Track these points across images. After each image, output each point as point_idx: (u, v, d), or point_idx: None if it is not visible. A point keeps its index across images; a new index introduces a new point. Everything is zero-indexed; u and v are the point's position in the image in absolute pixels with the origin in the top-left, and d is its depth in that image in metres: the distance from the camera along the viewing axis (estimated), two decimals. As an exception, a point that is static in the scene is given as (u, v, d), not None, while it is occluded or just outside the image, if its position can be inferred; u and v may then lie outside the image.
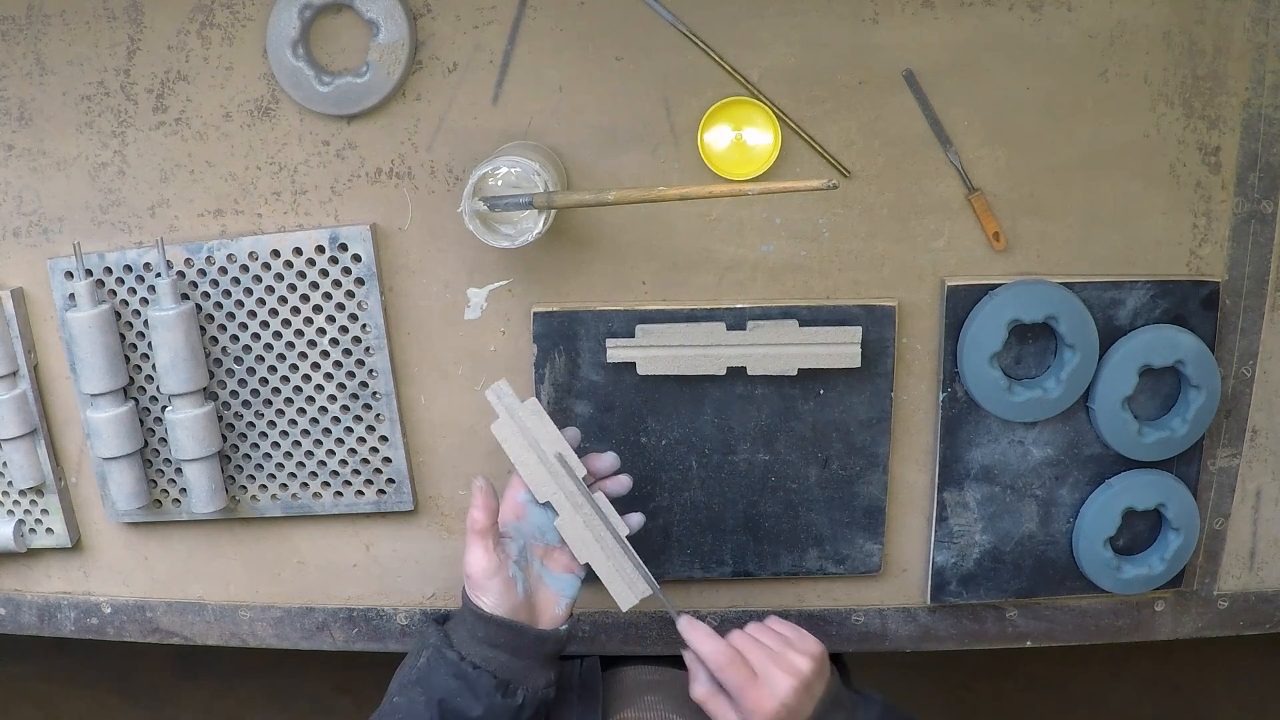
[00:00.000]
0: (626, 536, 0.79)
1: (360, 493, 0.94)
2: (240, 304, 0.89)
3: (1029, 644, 0.98)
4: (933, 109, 0.84)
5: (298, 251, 0.87)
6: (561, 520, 0.78)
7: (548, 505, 0.78)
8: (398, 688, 0.76)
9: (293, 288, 0.88)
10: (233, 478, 0.94)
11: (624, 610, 0.78)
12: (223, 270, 0.88)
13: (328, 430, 0.92)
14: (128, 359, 0.91)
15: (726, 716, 0.76)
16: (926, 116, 0.84)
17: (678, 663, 0.80)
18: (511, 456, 0.78)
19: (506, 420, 0.77)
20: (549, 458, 0.77)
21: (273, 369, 0.90)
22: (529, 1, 0.83)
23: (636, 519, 0.81)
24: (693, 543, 0.93)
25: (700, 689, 0.77)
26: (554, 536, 0.79)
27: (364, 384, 0.90)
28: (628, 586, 0.79)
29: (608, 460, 0.80)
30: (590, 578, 0.80)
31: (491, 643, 0.75)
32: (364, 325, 0.89)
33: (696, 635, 0.77)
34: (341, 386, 0.90)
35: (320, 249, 0.87)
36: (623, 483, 0.81)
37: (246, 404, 0.91)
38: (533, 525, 0.79)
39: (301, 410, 0.91)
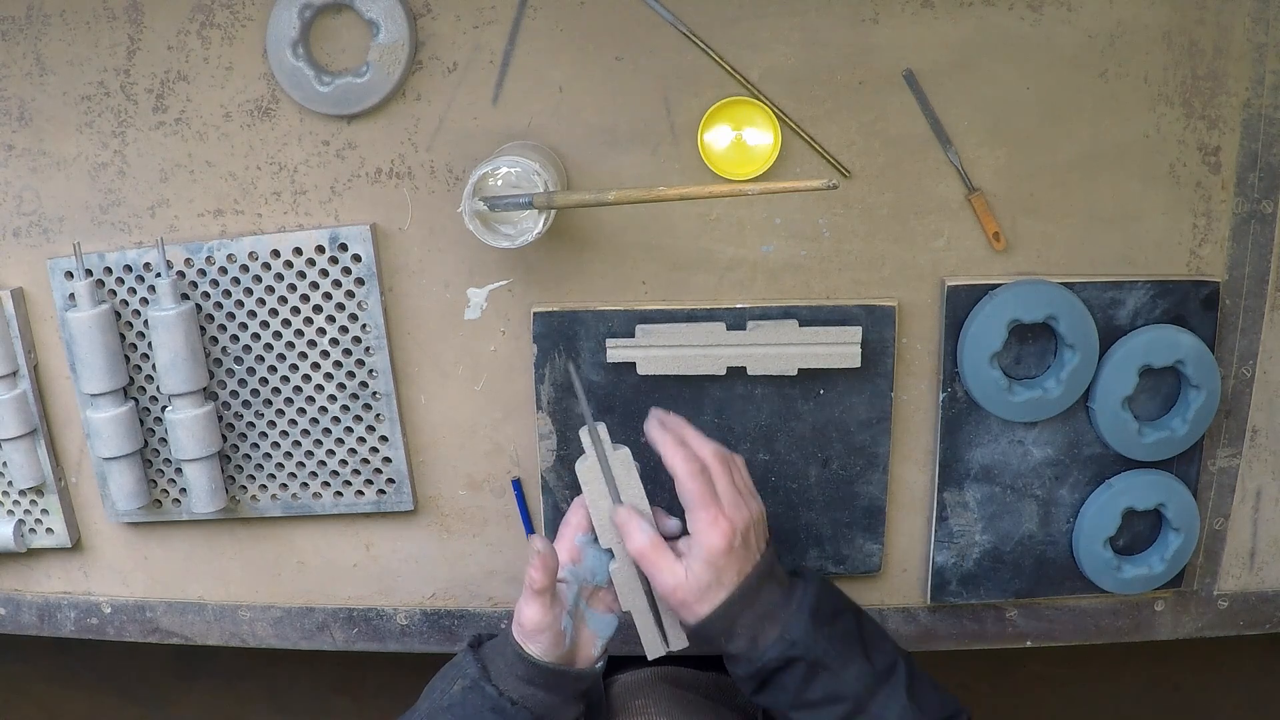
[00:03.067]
0: None
1: (360, 493, 0.94)
2: (240, 304, 0.89)
3: (1029, 644, 0.98)
4: (933, 109, 0.84)
5: (298, 251, 0.87)
6: (616, 566, 0.77)
7: (608, 550, 0.78)
8: (428, 711, 0.75)
9: (293, 288, 0.88)
10: (233, 478, 0.94)
11: (650, 659, 0.79)
12: (223, 270, 0.88)
13: (328, 430, 0.92)
14: (128, 359, 0.91)
15: (670, 565, 0.73)
16: (926, 116, 0.84)
17: (667, 660, 0.80)
18: (588, 498, 0.78)
19: (594, 463, 0.77)
20: (624, 506, 0.77)
21: (273, 369, 0.90)
22: (529, 1, 0.83)
23: None
24: (693, 543, 0.93)
25: (641, 537, 0.73)
26: (603, 579, 0.79)
27: (364, 384, 0.90)
28: (660, 638, 0.79)
29: (674, 525, 0.78)
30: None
31: (531, 681, 0.74)
32: (364, 325, 0.89)
33: (667, 446, 0.75)
34: (341, 386, 0.90)
35: (320, 249, 0.87)
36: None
37: (246, 404, 0.91)
38: (587, 568, 0.78)
39: (301, 410, 0.91)
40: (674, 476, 0.74)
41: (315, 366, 0.90)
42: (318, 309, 0.88)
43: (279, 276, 0.88)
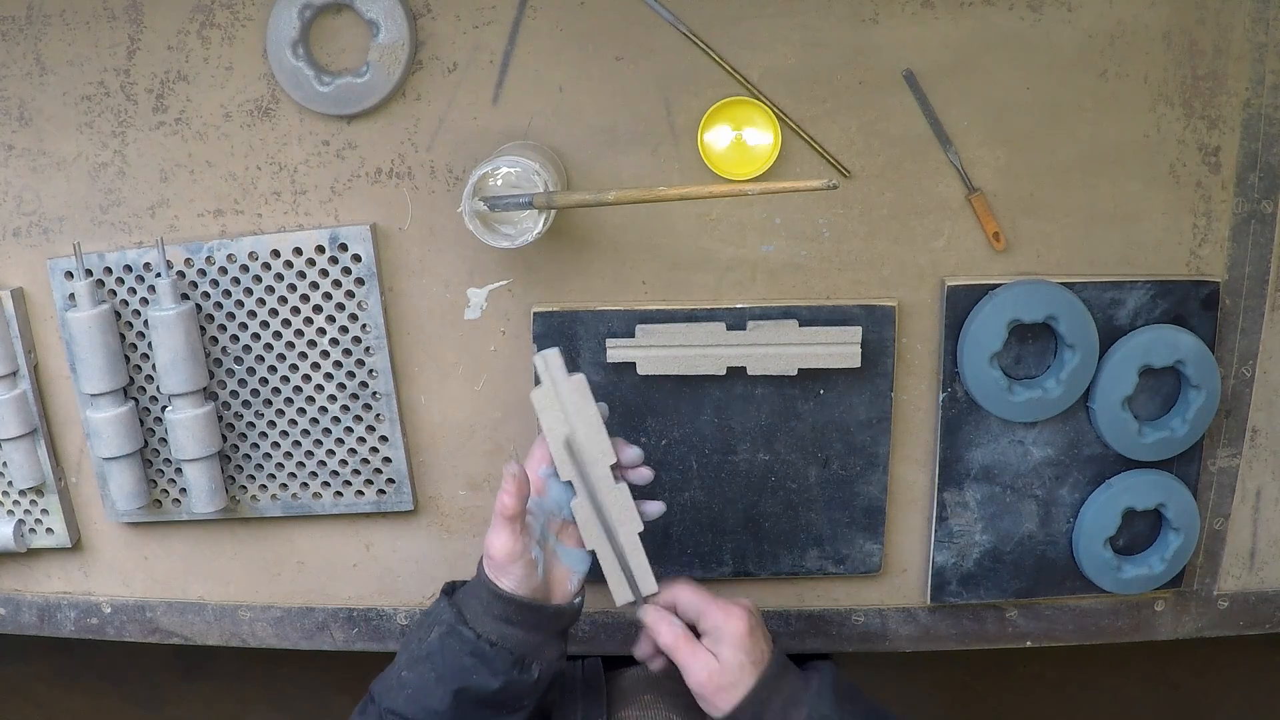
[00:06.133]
0: (643, 528, 0.78)
1: (360, 493, 0.94)
2: (240, 304, 0.89)
3: (1029, 644, 0.98)
4: (933, 109, 0.84)
5: (298, 251, 0.87)
6: (578, 502, 0.76)
7: (568, 484, 0.77)
8: (407, 661, 0.76)
9: (293, 288, 0.88)
10: (233, 478, 0.94)
11: (617, 605, 0.78)
12: (223, 270, 0.88)
13: (328, 430, 0.92)
14: (128, 359, 0.91)
15: (700, 654, 0.76)
16: (926, 116, 0.84)
17: (666, 661, 0.80)
18: (544, 427, 0.76)
19: (549, 389, 0.76)
20: (580, 437, 0.76)
21: (273, 369, 0.90)
22: (529, 1, 0.83)
23: (655, 507, 0.79)
24: (693, 543, 0.93)
25: (669, 632, 0.77)
26: (569, 513, 0.78)
27: (364, 384, 0.90)
28: (626, 583, 0.78)
29: (634, 453, 0.79)
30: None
31: (508, 620, 0.74)
32: (364, 325, 0.89)
33: (659, 603, 0.79)
34: (341, 386, 0.90)
35: (320, 249, 0.87)
36: (644, 475, 0.79)
37: (246, 404, 0.91)
38: (553, 500, 0.78)
39: (301, 410, 0.91)
40: (676, 606, 0.79)
41: (315, 366, 0.90)
42: (318, 309, 0.88)
43: (279, 276, 0.88)
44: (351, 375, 0.90)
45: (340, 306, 0.88)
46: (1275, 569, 0.96)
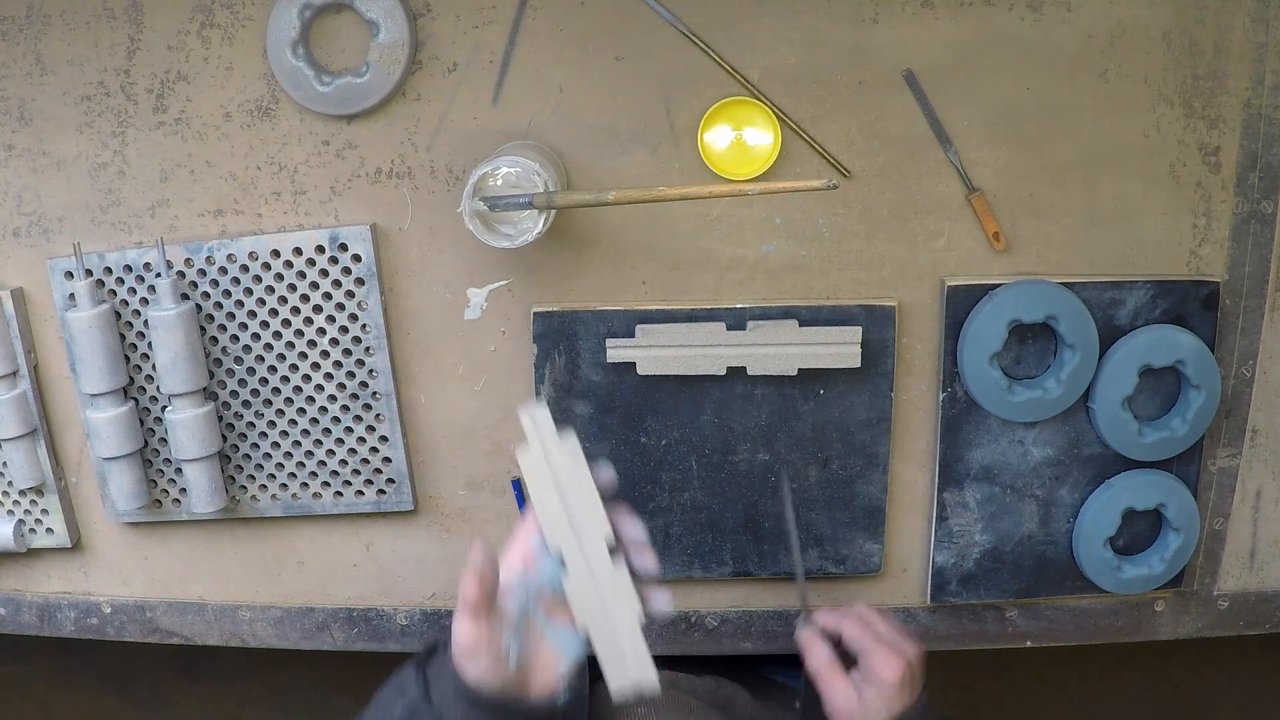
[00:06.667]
0: (644, 617, 0.67)
1: (360, 493, 0.94)
2: (240, 304, 0.89)
3: (1029, 644, 0.98)
4: (933, 109, 0.84)
5: (298, 251, 0.87)
6: (570, 579, 0.67)
7: (560, 559, 0.68)
8: None
9: (293, 288, 0.88)
10: (233, 478, 0.94)
11: (613, 694, 0.67)
12: (223, 270, 0.88)
13: (328, 430, 0.92)
14: (128, 359, 0.91)
15: (844, 687, 0.80)
16: (926, 116, 0.84)
17: (664, 663, 0.78)
18: (532, 493, 0.68)
19: (537, 451, 0.68)
20: (572, 506, 0.68)
21: (273, 369, 0.90)
22: (529, 1, 0.83)
23: (663, 600, 0.69)
24: (693, 543, 0.93)
25: (820, 657, 0.81)
26: (559, 590, 0.68)
27: (364, 384, 0.90)
28: (624, 671, 0.67)
29: (635, 529, 0.70)
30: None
31: (476, 705, 0.65)
32: (364, 325, 0.89)
33: (818, 620, 0.83)
34: (341, 386, 0.90)
35: (320, 249, 0.87)
36: (650, 563, 0.69)
37: (246, 404, 0.91)
38: (543, 576, 0.68)
39: (301, 410, 0.91)
40: (841, 635, 0.82)
41: (315, 366, 0.90)
42: (318, 309, 0.88)
43: (279, 276, 0.88)
44: (351, 375, 0.90)
45: (340, 306, 0.88)
46: (1275, 569, 0.96)
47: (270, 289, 0.88)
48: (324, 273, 0.88)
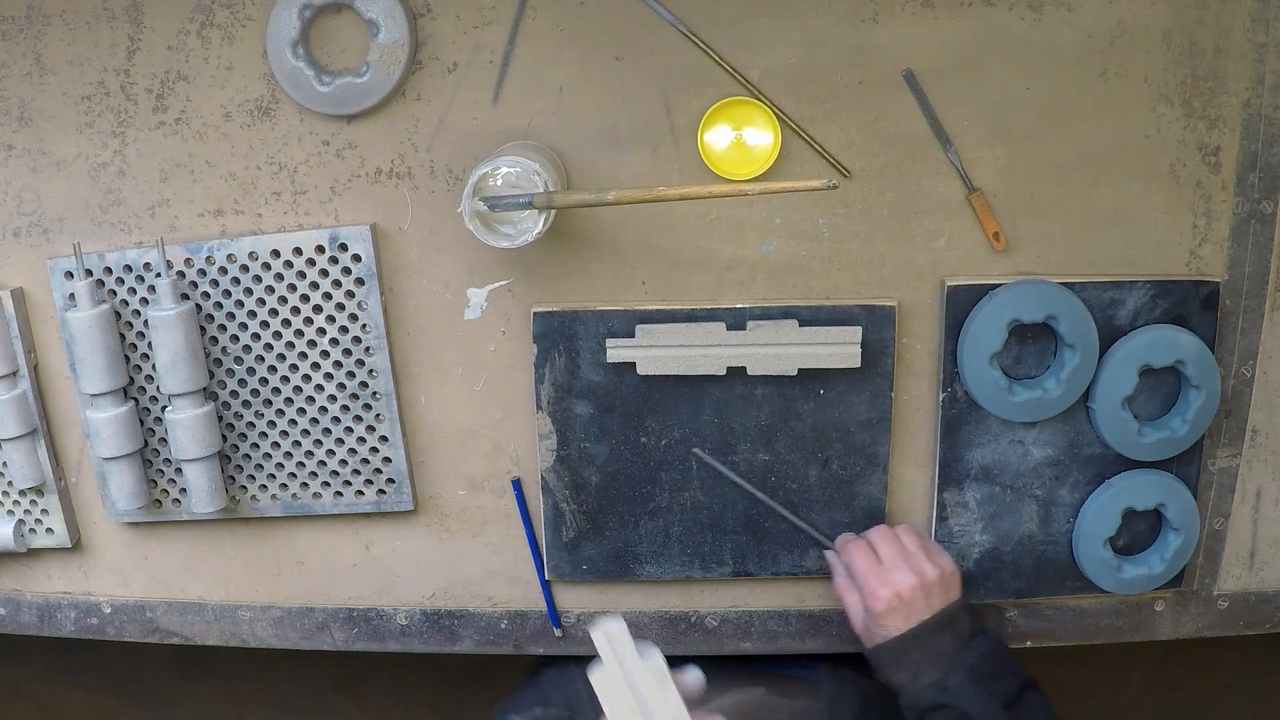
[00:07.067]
0: None
1: (360, 493, 0.94)
2: (240, 304, 0.89)
3: (1029, 644, 0.98)
4: (933, 109, 0.84)
5: (298, 251, 0.87)
6: None
7: None
8: None
9: (293, 288, 0.88)
10: (233, 478, 0.94)
11: None
12: (223, 270, 0.88)
13: (328, 430, 0.92)
14: (128, 359, 0.91)
15: (854, 606, 0.86)
16: (926, 116, 0.84)
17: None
18: (610, 718, 0.60)
19: (614, 671, 0.61)
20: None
21: (273, 369, 0.90)
22: (529, 1, 0.83)
23: None
24: (693, 543, 0.93)
25: (837, 580, 0.88)
26: None
27: (364, 384, 0.90)
28: None
29: None
30: None
31: None
32: (364, 325, 0.89)
33: (840, 538, 0.90)
34: (341, 386, 0.90)
35: (320, 249, 0.87)
36: None
37: (246, 404, 0.91)
38: None
39: (301, 410, 0.91)
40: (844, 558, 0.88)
41: (315, 366, 0.90)
42: (318, 309, 0.88)
43: (279, 276, 0.88)
44: (351, 375, 0.90)
45: (340, 306, 0.88)
46: (1275, 569, 0.96)
47: (270, 289, 0.88)
48: (324, 273, 0.88)
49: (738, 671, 0.93)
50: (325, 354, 0.90)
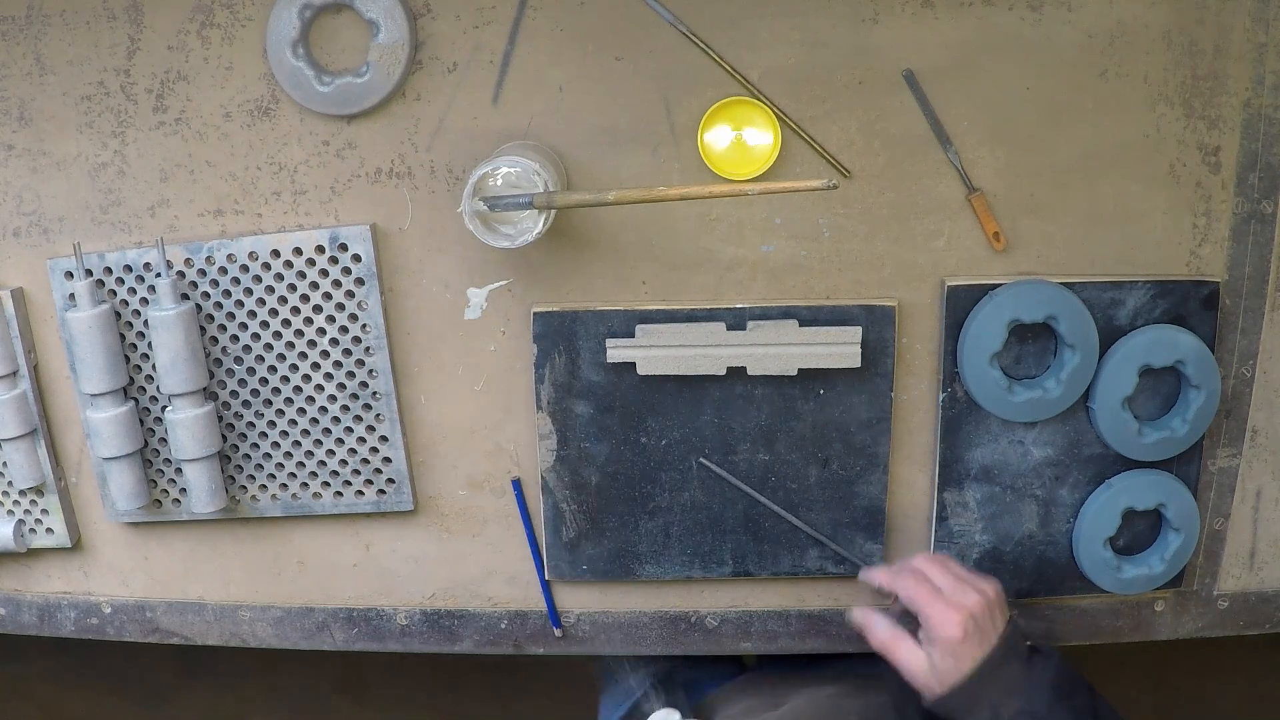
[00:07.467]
0: None
1: (360, 493, 0.94)
2: (240, 304, 0.89)
3: (1029, 644, 0.98)
4: (933, 109, 0.84)
5: (298, 251, 0.87)
6: None
7: None
8: None
9: (293, 288, 0.88)
10: (233, 478, 0.94)
11: None
12: (223, 270, 0.88)
13: (328, 430, 0.92)
14: (128, 359, 0.91)
15: (911, 653, 0.79)
16: (926, 116, 0.84)
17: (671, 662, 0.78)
18: None
19: None
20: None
21: (273, 369, 0.90)
22: (529, 1, 0.83)
23: None
24: (693, 543, 0.93)
25: (881, 633, 0.81)
26: None
27: (364, 384, 0.90)
28: None
29: None
30: None
31: None
32: (364, 325, 0.89)
33: (874, 574, 0.85)
34: (341, 386, 0.90)
35: (320, 249, 0.87)
36: None
37: (246, 404, 0.91)
38: None
39: (301, 410, 0.91)
40: (897, 596, 0.81)
41: (315, 366, 0.90)
42: (318, 309, 0.88)
43: (279, 276, 0.88)
44: (351, 375, 0.90)
45: (340, 306, 0.88)
46: (1275, 569, 0.96)
47: (270, 289, 0.88)
48: (324, 273, 0.88)
49: (804, 670, 0.92)
50: (325, 354, 0.90)
